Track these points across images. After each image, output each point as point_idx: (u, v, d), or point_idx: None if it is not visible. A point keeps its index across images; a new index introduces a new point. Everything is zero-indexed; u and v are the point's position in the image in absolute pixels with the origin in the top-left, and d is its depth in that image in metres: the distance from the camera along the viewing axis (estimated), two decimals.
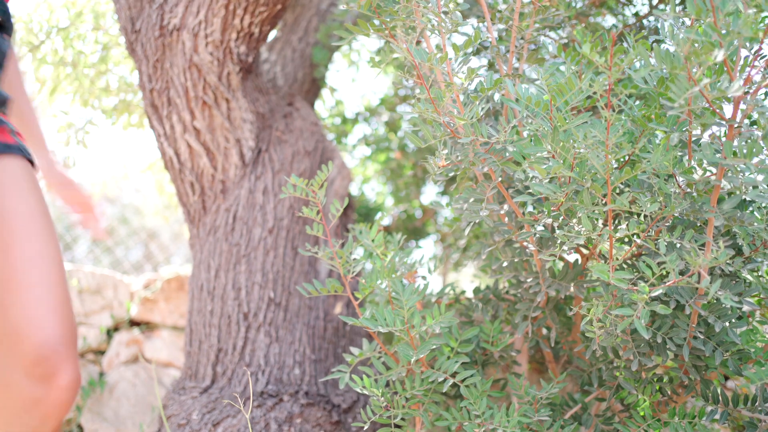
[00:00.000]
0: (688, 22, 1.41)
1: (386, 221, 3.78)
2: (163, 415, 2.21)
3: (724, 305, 1.39)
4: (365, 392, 1.56)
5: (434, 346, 1.52)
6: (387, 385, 1.99)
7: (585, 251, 1.68)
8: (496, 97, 1.77)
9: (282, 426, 2.07)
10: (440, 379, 1.52)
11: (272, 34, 3.22)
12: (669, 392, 1.65)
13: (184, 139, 2.50)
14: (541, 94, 1.36)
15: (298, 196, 1.60)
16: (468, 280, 4.48)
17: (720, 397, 1.56)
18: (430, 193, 3.88)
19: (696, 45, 1.16)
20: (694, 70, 1.18)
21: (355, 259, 1.63)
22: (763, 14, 1.21)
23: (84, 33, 3.40)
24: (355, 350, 1.65)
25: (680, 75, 1.20)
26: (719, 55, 1.12)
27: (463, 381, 1.55)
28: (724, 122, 1.33)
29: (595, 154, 1.27)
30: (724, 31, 1.13)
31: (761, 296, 1.56)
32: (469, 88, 1.62)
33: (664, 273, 1.31)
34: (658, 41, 2.01)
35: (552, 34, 1.98)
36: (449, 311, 1.54)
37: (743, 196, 1.37)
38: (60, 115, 3.47)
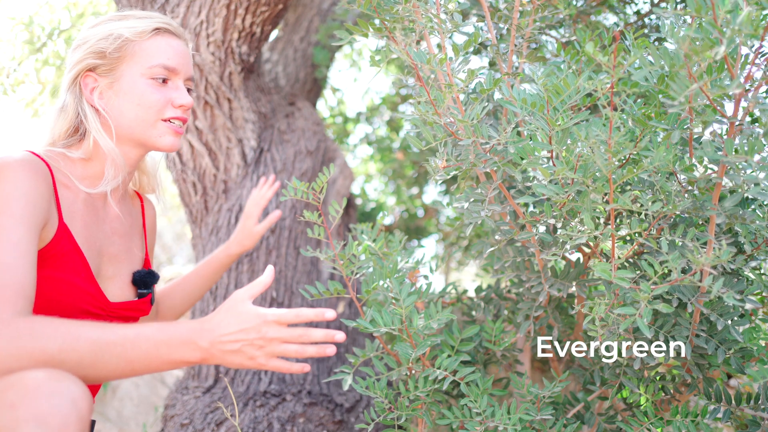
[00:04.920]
0: (689, 20, 1.41)
1: (388, 220, 3.78)
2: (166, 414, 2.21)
3: (726, 303, 1.39)
4: (368, 393, 1.56)
5: (432, 344, 1.52)
6: (389, 384, 1.99)
7: (587, 250, 1.68)
8: (497, 95, 1.77)
9: (285, 425, 2.07)
10: (440, 378, 1.53)
11: (274, 34, 3.22)
12: (671, 391, 1.65)
13: (185, 139, 2.51)
14: (538, 94, 1.36)
15: (300, 197, 1.60)
16: (470, 279, 4.48)
17: (723, 396, 1.55)
18: (431, 192, 3.88)
19: (697, 42, 1.15)
20: (695, 68, 1.18)
21: (358, 259, 1.63)
22: (764, 12, 1.20)
23: None
24: (357, 351, 1.65)
25: (680, 73, 1.19)
26: (719, 53, 1.11)
27: (463, 379, 1.55)
28: (725, 120, 1.33)
29: (598, 154, 1.27)
30: (724, 29, 1.13)
31: (763, 294, 1.56)
32: (469, 89, 1.62)
33: (666, 271, 1.31)
34: (660, 39, 2.01)
35: (553, 32, 1.98)
36: (446, 308, 1.54)
37: (745, 194, 1.37)
38: None
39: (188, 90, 1.64)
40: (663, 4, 2.12)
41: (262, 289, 1.32)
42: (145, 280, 1.67)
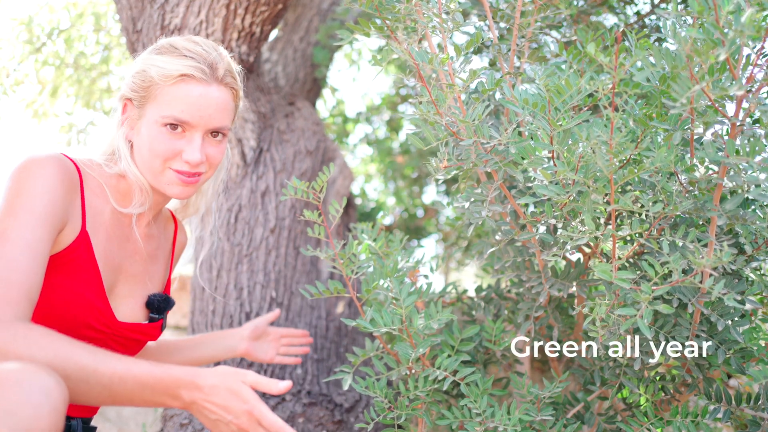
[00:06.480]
0: (690, 20, 1.41)
1: (388, 220, 3.78)
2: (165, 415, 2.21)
3: (726, 304, 1.39)
4: (368, 393, 1.56)
5: (432, 343, 1.52)
6: (389, 384, 1.99)
7: (587, 250, 1.68)
8: (498, 95, 1.77)
9: None
10: (440, 378, 1.53)
11: (273, 34, 3.22)
12: (671, 391, 1.65)
13: None
14: (539, 94, 1.36)
15: (300, 197, 1.59)
16: (470, 279, 4.48)
17: (723, 396, 1.55)
18: (431, 192, 3.89)
19: (698, 43, 1.16)
20: (697, 69, 1.18)
21: (358, 258, 1.63)
22: (766, 13, 1.21)
23: (85, 34, 3.40)
24: (357, 350, 1.65)
25: (682, 74, 1.20)
26: (721, 54, 1.12)
27: (463, 379, 1.55)
28: (726, 120, 1.33)
29: (599, 154, 1.27)
30: (726, 30, 1.13)
31: (764, 294, 1.56)
32: (471, 89, 1.62)
33: (667, 272, 1.31)
34: (660, 40, 2.01)
35: (553, 32, 1.98)
36: (446, 308, 1.53)
37: (745, 195, 1.37)
38: (62, 116, 3.48)
39: (216, 136, 1.53)
40: (663, 5, 2.12)
41: (267, 391, 1.31)
42: (159, 305, 1.64)
